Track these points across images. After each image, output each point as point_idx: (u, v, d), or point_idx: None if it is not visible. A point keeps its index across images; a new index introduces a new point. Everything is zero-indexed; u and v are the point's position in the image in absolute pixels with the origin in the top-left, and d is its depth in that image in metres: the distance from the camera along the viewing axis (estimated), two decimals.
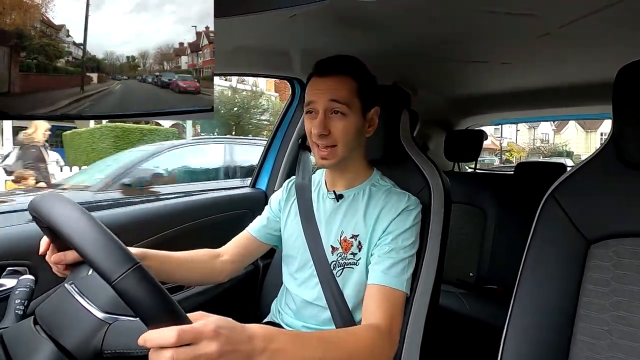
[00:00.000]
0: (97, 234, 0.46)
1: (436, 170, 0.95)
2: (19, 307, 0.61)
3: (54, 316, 0.55)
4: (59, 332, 0.52)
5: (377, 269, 0.78)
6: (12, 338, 0.54)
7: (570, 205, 0.69)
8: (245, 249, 0.96)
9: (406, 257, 0.79)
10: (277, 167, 1.43)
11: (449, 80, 1.64)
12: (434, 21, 0.93)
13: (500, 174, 2.80)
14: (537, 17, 0.88)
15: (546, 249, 0.70)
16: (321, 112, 0.78)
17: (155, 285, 0.44)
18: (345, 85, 0.79)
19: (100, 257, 0.44)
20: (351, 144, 0.80)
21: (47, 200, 0.53)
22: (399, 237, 0.79)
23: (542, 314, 0.67)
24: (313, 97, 0.80)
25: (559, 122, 23.75)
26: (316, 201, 0.91)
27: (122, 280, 0.42)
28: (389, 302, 0.74)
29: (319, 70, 0.81)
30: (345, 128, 0.78)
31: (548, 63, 1.31)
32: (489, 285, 1.73)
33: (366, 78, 0.83)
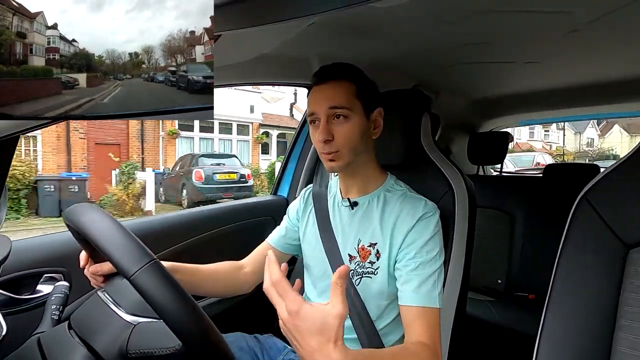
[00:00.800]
0: (117, 233, 0.49)
1: (459, 174, 0.92)
2: (54, 313, 0.64)
3: (87, 321, 0.58)
4: (90, 336, 0.55)
5: (408, 289, 0.75)
6: (48, 342, 0.57)
7: (605, 208, 0.66)
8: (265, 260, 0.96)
9: (434, 270, 0.76)
10: (297, 174, 1.44)
11: (473, 82, 1.61)
12: (455, 23, 0.92)
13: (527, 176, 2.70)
14: (564, 13, 0.86)
15: (580, 254, 0.67)
16: (323, 119, 0.78)
17: (169, 279, 0.46)
18: (344, 88, 0.79)
19: (119, 253, 0.47)
20: (356, 146, 0.80)
21: (78, 209, 0.57)
22: (422, 249, 0.77)
23: (578, 323, 0.63)
24: (314, 106, 0.80)
25: (604, 126, 24.85)
26: (332, 209, 0.91)
27: (139, 275, 0.45)
28: (428, 321, 0.73)
29: (316, 80, 0.82)
30: (349, 131, 0.78)
31: (577, 60, 1.26)
32: (519, 293, 1.66)
33: (364, 80, 0.83)
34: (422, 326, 0.72)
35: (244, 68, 1.06)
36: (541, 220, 1.66)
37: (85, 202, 0.61)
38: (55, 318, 0.64)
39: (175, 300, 0.45)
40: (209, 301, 1.11)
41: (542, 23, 0.92)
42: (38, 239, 0.92)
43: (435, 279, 0.75)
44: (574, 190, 0.72)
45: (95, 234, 0.50)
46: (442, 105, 1.67)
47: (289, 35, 0.91)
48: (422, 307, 0.73)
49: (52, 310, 0.64)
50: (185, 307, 0.46)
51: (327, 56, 1.14)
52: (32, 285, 0.83)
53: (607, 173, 0.69)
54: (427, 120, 0.99)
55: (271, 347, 0.94)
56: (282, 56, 1.10)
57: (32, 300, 0.81)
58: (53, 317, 0.64)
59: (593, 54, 1.17)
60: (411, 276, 0.76)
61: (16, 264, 0.80)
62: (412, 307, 0.74)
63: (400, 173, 0.91)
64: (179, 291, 0.47)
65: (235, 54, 0.94)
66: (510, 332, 1.44)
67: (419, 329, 0.72)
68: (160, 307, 0.45)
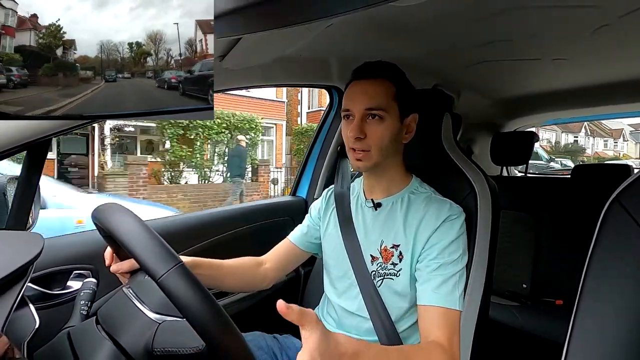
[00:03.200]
0: (145, 236, 0.51)
1: (482, 175, 0.90)
2: (83, 308, 0.67)
3: (113, 317, 0.60)
4: (116, 331, 0.57)
5: (427, 289, 0.75)
6: (77, 336, 0.59)
7: (639, 210, 0.63)
8: (286, 256, 0.98)
9: (456, 272, 0.75)
10: (316, 175, 1.44)
11: (496, 81, 1.57)
12: (478, 21, 0.90)
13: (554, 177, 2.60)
14: (593, 7, 0.82)
15: (612, 259, 0.64)
16: (357, 116, 0.77)
17: (195, 282, 0.48)
18: (383, 88, 0.78)
19: (147, 257, 0.49)
20: (387, 149, 0.79)
21: (106, 209, 0.59)
22: (445, 250, 0.76)
23: (609, 331, 0.61)
24: (350, 101, 0.80)
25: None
26: (355, 210, 0.90)
27: (166, 277, 0.47)
28: (447, 323, 0.72)
29: (356, 75, 0.81)
30: (382, 132, 0.77)
31: (608, 56, 1.20)
32: (545, 298, 1.60)
33: (404, 83, 0.81)
34: (439, 327, 0.71)
35: (264, 70, 1.07)
36: (569, 223, 1.60)
37: (113, 202, 0.62)
38: (84, 313, 0.66)
39: (200, 303, 0.47)
40: (229, 299, 1.13)
41: (570, 19, 0.89)
42: (69, 237, 0.96)
43: (456, 281, 0.74)
44: (604, 192, 0.69)
45: (124, 237, 0.52)
46: (463, 104, 1.64)
47: (308, 37, 0.91)
48: (441, 307, 0.72)
49: (81, 305, 0.67)
50: (210, 310, 0.47)
51: (346, 57, 1.14)
52: (63, 281, 0.87)
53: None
54: (448, 120, 0.97)
55: (289, 347, 0.95)
56: (302, 58, 1.10)
57: (62, 296, 0.85)
58: (82, 312, 0.66)
59: (624, 49, 1.12)
60: (432, 276, 0.75)
61: (48, 261, 0.84)
62: (430, 307, 0.73)
63: (420, 173, 0.90)
64: (204, 294, 0.48)
65: (256, 56, 0.95)
66: (535, 339, 1.39)
67: (436, 330, 0.71)
68: (185, 309, 0.47)
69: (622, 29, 0.92)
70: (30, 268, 0.53)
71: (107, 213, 0.58)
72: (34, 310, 0.62)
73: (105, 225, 0.57)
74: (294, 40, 0.94)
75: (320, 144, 1.45)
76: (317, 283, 1.02)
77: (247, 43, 0.82)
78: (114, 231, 0.54)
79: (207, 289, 0.49)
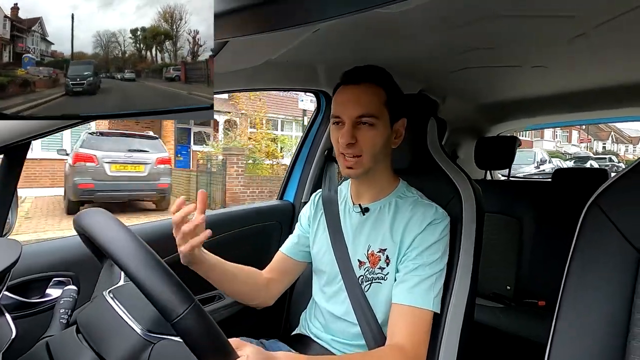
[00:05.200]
0: (158, 271, 0.47)
1: (466, 179, 0.92)
2: (63, 316, 0.65)
3: (95, 326, 0.57)
4: (100, 343, 0.54)
5: (403, 288, 0.76)
6: (56, 345, 0.57)
7: (617, 213, 0.65)
8: (282, 269, 0.96)
9: (433, 273, 0.76)
10: (304, 179, 1.44)
11: (479, 86, 1.60)
12: (462, 28, 0.92)
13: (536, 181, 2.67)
14: (570, 18, 0.85)
15: (592, 260, 0.65)
16: (348, 122, 0.77)
17: (211, 325, 0.46)
18: (374, 94, 0.77)
19: (161, 297, 0.45)
20: (378, 154, 0.79)
21: (98, 221, 0.54)
22: (425, 252, 0.77)
23: (590, 331, 0.62)
24: (340, 107, 0.79)
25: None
26: (343, 215, 0.90)
27: (182, 320, 0.44)
28: (415, 323, 0.73)
29: (346, 80, 0.80)
30: (373, 138, 0.77)
31: (584, 64, 1.25)
32: (528, 299, 1.64)
33: (394, 88, 0.82)
34: (405, 326, 0.72)
35: (251, 74, 1.07)
36: (550, 226, 1.64)
37: (96, 209, 0.59)
38: (64, 322, 0.64)
39: (215, 343, 0.46)
40: (216, 305, 1.11)
41: (548, 27, 0.92)
42: (47, 244, 0.93)
43: (432, 282, 0.75)
44: (583, 195, 0.71)
45: (131, 270, 0.47)
46: (448, 109, 1.66)
47: (295, 42, 0.91)
48: (412, 306, 0.73)
49: (61, 314, 0.65)
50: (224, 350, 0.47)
51: (333, 62, 1.14)
52: (42, 289, 0.84)
53: (618, 178, 0.68)
54: (434, 125, 0.98)
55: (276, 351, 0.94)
56: (288, 62, 1.10)
57: (41, 304, 0.82)
58: (61, 321, 0.64)
59: (600, 58, 1.16)
60: (408, 277, 0.76)
61: (26, 268, 0.81)
62: (401, 306, 0.74)
63: (407, 178, 0.91)
64: (220, 339, 0.47)
65: (242, 59, 0.95)
66: (519, 340, 1.41)
67: (403, 329, 0.72)
68: (200, 350, 0.45)
69: (597, 38, 0.96)
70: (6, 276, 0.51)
71: (106, 236, 0.52)
72: (10, 319, 0.59)
73: (106, 251, 0.51)
74: (281, 44, 0.94)
75: (307, 148, 1.45)
76: (305, 287, 1.01)
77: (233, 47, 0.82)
78: (117, 259, 0.49)
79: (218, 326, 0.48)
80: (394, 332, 0.73)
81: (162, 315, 0.45)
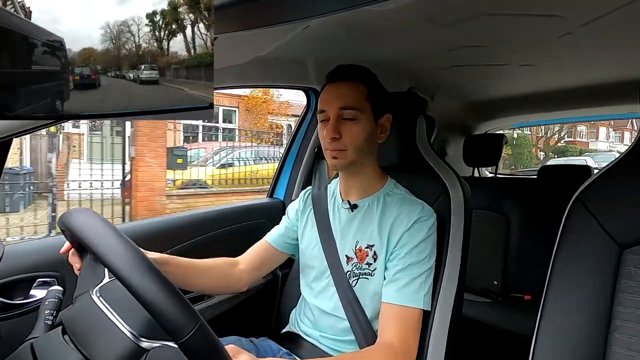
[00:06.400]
0: (163, 288, 0.46)
1: (455, 176, 0.93)
2: (48, 318, 0.63)
3: (83, 328, 0.55)
4: (87, 345, 0.52)
5: (393, 287, 0.77)
6: (42, 347, 0.56)
7: (598, 209, 0.66)
8: (262, 257, 0.97)
9: (422, 272, 0.77)
10: (294, 176, 1.44)
11: (467, 85, 1.62)
12: (450, 27, 0.92)
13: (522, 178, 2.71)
14: (557, 17, 0.87)
15: (575, 255, 0.67)
16: (333, 118, 0.79)
17: (217, 343, 0.46)
18: (356, 90, 0.80)
19: (168, 315, 0.44)
20: (362, 148, 0.81)
21: (96, 235, 0.51)
22: (413, 250, 0.78)
23: (574, 323, 0.64)
24: (325, 104, 0.82)
25: None
26: (332, 211, 0.91)
27: (189, 339, 0.43)
28: (405, 321, 0.74)
29: (330, 79, 0.83)
30: (356, 132, 0.79)
31: (570, 63, 1.27)
32: (515, 294, 1.67)
33: (376, 84, 0.84)
34: (395, 325, 0.74)
35: (240, 70, 1.06)
36: (536, 222, 1.67)
37: (84, 209, 0.57)
38: (49, 323, 0.63)
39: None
40: (205, 304, 1.11)
41: (535, 26, 0.93)
42: (31, 243, 0.91)
43: (422, 281, 0.77)
44: (568, 191, 0.72)
45: (135, 286, 0.45)
46: (437, 107, 1.68)
47: (285, 39, 0.91)
48: (403, 306, 0.75)
49: (46, 315, 0.63)
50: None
51: (322, 59, 1.14)
52: (26, 290, 0.82)
53: (600, 175, 0.69)
54: (423, 123, 0.99)
55: (266, 350, 0.94)
56: (278, 59, 1.10)
57: (25, 305, 0.80)
58: (47, 322, 0.63)
59: (585, 56, 1.19)
60: (398, 276, 0.77)
61: (9, 269, 0.79)
62: (391, 305, 0.76)
63: (396, 175, 0.91)
64: (225, 356, 0.47)
65: (232, 56, 0.94)
66: (506, 334, 1.44)
67: (392, 327, 0.74)
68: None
69: (583, 37, 0.98)
70: None
71: (106, 247, 0.49)
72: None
73: (104, 262, 0.49)
74: (270, 41, 0.93)
75: (297, 146, 1.44)
76: (295, 285, 1.01)
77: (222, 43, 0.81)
78: (118, 273, 0.47)
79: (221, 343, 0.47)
80: (384, 330, 0.75)
81: (168, 333, 0.44)
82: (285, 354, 0.91)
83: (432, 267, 0.79)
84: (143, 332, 0.52)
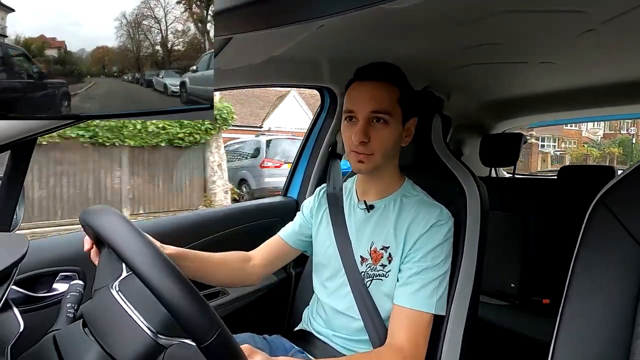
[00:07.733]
0: (187, 294, 0.46)
1: (471, 176, 0.91)
2: (69, 311, 0.65)
3: (102, 322, 0.57)
4: (108, 340, 0.54)
5: (406, 291, 0.76)
6: (63, 339, 0.58)
7: (623, 211, 0.64)
8: (275, 253, 0.97)
9: (437, 276, 0.76)
10: (307, 175, 1.44)
11: (485, 83, 1.59)
12: (468, 24, 0.91)
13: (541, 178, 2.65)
14: (579, 13, 0.84)
15: (597, 258, 0.65)
16: (362, 120, 0.76)
17: (237, 347, 0.48)
18: (389, 92, 0.77)
19: (193, 321, 0.45)
20: (389, 153, 0.80)
21: (119, 235, 0.52)
22: (429, 254, 0.77)
23: (594, 329, 0.62)
24: (354, 103, 0.78)
25: None
26: (347, 210, 0.91)
27: (212, 344, 0.45)
28: (417, 325, 0.73)
29: (361, 76, 0.79)
30: (386, 137, 0.77)
31: (591, 61, 1.23)
32: (533, 297, 1.63)
33: (407, 87, 0.81)
34: (405, 328, 0.73)
35: (255, 70, 1.07)
36: (555, 223, 1.63)
37: (104, 206, 0.58)
38: (71, 316, 0.65)
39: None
40: (220, 301, 1.12)
41: (556, 23, 0.91)
42: (54, 239, 0.94)
43: (435, 286, 0.75)
44: (589, 193, 0.70)
45: (158, 289, 0.46)
46: (453, 106, 1.65)
47: (299, 38, 0.91)
48: (414, 309, 0.74)
49: (67, 308, 0.66)
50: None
51: (337, 58, 1.14)
52: (49, 284, 0.85)
53: (625, 176, 0.67)
54: (438, 122, 0.98)
55: (278, 347, 0.94)
56: (293, 58, 1.10)
57: (48, 298, 0.83)
58: (68, 315, 0.65)
59: (608, 54, 1.15)
60: (413, 279, 0.76)
61: (33, 263, 0.82)
62: (403, 308, 0.75)
63: (411, 174, 0.91)
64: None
65: (246, 56, 0.95)
66: (523, 338, 1.41)
67: (402, 330, 0.73)
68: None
69: (605, 34, 0.95)
70: (14, 270, 0.51)
71: (128, 249, 0.50)
72: (17, 313, 0.60)
73: (131, 265, 0.49)
74: (285, 40, 0.94)
75: (311, 145, 1.45)
76: (309, 284, 1.01)
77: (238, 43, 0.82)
78: (142, 277, 0.47)
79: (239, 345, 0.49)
80: (395, 332, 0.74)
81: (191, 338, 0.45)
82: (298, 351, 0.91)
83: (447, 271, 0.78)
84: (161, 329, 0.53)
